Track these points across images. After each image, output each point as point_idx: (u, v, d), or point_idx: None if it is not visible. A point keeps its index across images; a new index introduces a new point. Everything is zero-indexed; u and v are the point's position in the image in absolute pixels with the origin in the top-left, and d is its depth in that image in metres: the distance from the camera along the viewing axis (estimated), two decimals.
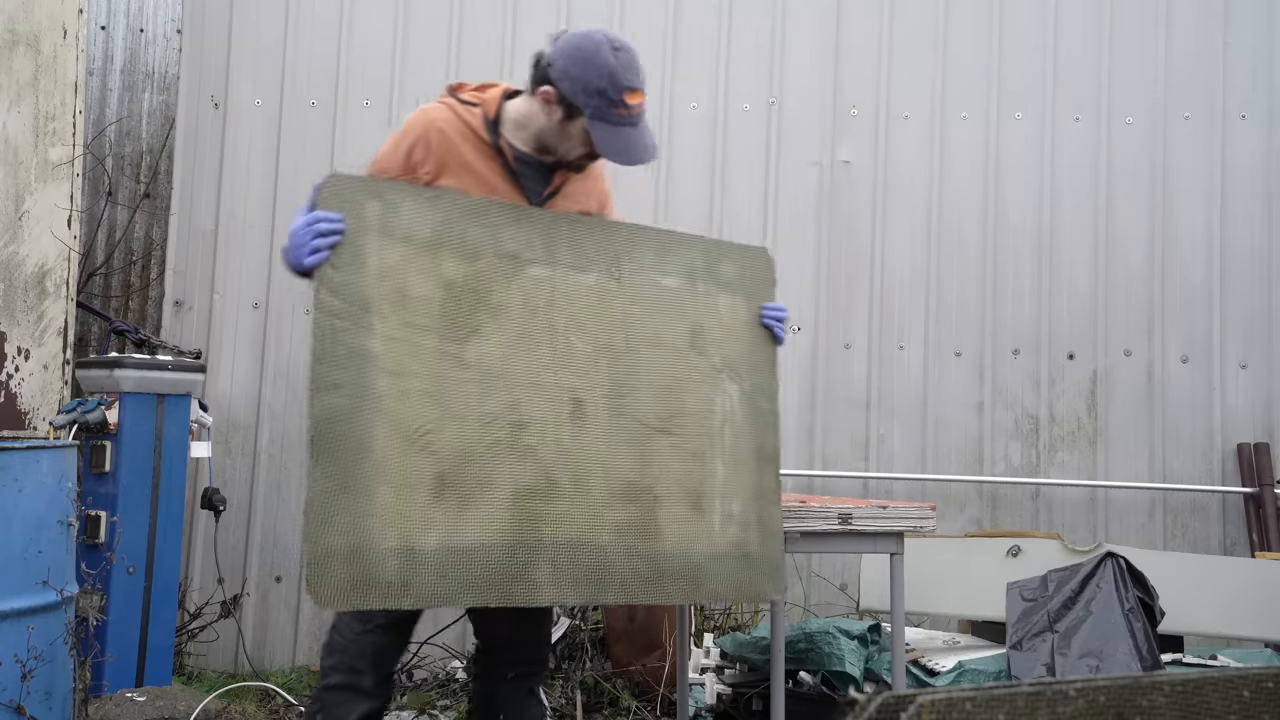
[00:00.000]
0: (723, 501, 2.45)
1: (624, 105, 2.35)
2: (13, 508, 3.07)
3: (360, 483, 2.11)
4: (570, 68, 2.36)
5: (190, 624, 4.44)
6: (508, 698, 2.61)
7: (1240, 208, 5.08)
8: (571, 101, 2.37)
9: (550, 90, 2.39)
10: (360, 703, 2.44)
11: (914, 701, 1.20)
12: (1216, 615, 3.86)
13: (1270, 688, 1.37)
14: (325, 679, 2.46)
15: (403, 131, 2.48)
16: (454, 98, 2.52)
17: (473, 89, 2.56)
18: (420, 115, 2.49)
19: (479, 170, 2.45)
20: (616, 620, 4.24)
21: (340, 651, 2.45)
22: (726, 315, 2.55)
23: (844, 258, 5.07)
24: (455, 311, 2.26)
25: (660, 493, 2.37)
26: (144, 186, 4.92)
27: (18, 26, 4.05)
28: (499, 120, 2.49)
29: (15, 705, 3.01)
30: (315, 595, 2.07)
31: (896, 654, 2.83)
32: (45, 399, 4.08)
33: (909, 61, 5.13)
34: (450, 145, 2.44)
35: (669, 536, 2.36)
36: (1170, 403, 4.99)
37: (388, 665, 2.49)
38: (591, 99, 2.35)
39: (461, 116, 2.47)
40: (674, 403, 2.44)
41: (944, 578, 4.01)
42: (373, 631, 2.44)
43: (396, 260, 2.22)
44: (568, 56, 2.38)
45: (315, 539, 2.07)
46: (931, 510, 2.82)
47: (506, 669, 2.62)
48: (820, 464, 4.94)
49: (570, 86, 2.36)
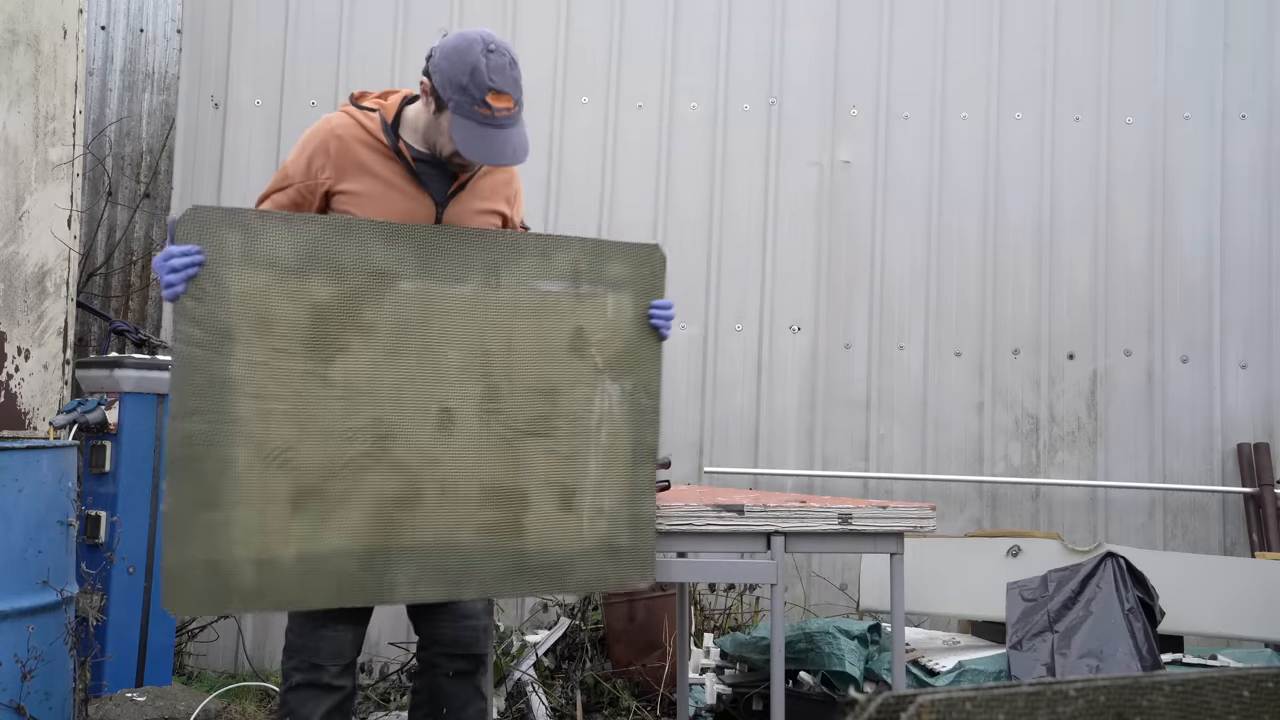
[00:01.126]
0: (594, 498, 2.56)
1: (485, 105, 2.38)
2: (13, 508, 3.08)
3: (218, 500, 2.25)
4: (442, 61, 2.42)
5: (190, 624, 4.44)
6: (449, 692, 2.66)
7: (1240, 208, 5.08)
8: (440, 94, 2.43)
9: (425, 81, 2.46)
10: (324, 698, 2.51)
11: (914, 701, 1.20)
12: (1216, 615, 3.86)
13: (1270, 688, 1.37)
14: (287, 681, 2.53)
15: (304, 141, 2.56)
16: (355, 105, 2.59)
17: (375, 96, 2.63)
18: (321, 124, 2.57)
19: (378, 173, 2.52)
20: (616, 620, 4.25)
21: (298, 652, 2.53)
22: (612, 314, 2.61)
23: (844, 258, 5.07)
24: (322, 332, 2.35)
25: (529, 492, 2.50)
26: (144, 186, 4.92)
27: (18, 26, 4.05)
28: (398, 124, 2.55)
29: (15, 705, 3.01)
30: (170, 604, 2.21)
31: (896, 654, 2.83)
32: (45, 399, 4.08)
33: (909, 61, 5.13)
34: (348, 150, 2.51)
35: (533, 534, 2.50)
36: (1170, 403, 4.99)
37: (347, 655, 2.54)
38: (454, 93, 2.40)
39: (360, 122, 2.54)
40: (549, 405, 2.54)
41: (944, 578, 4.01)
42: (324, 627, 2.50)
43: (260, 287, 2.30)
44: (444, 51, 2.43)
45: (173, 552, 2.21)
46: (931, 510, 2.82)
47: (447, 665, 2.66)
48: (820, 464, 4.95)
49: (440, 79, 2.42)
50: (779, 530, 2.70)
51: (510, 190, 2.71)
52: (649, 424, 2.64)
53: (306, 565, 2.30)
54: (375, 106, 2.57)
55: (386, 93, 2.64)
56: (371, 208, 2.49)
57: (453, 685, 2.66)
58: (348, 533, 2.34)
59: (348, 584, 2.34)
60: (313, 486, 2.32)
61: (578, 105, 5.07)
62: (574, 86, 5.08)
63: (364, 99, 2.61)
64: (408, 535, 2.39)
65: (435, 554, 2.41)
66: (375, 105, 2.57)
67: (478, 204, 2.62)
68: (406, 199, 2.53)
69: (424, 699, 2.69)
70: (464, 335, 2.47)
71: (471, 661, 2.67)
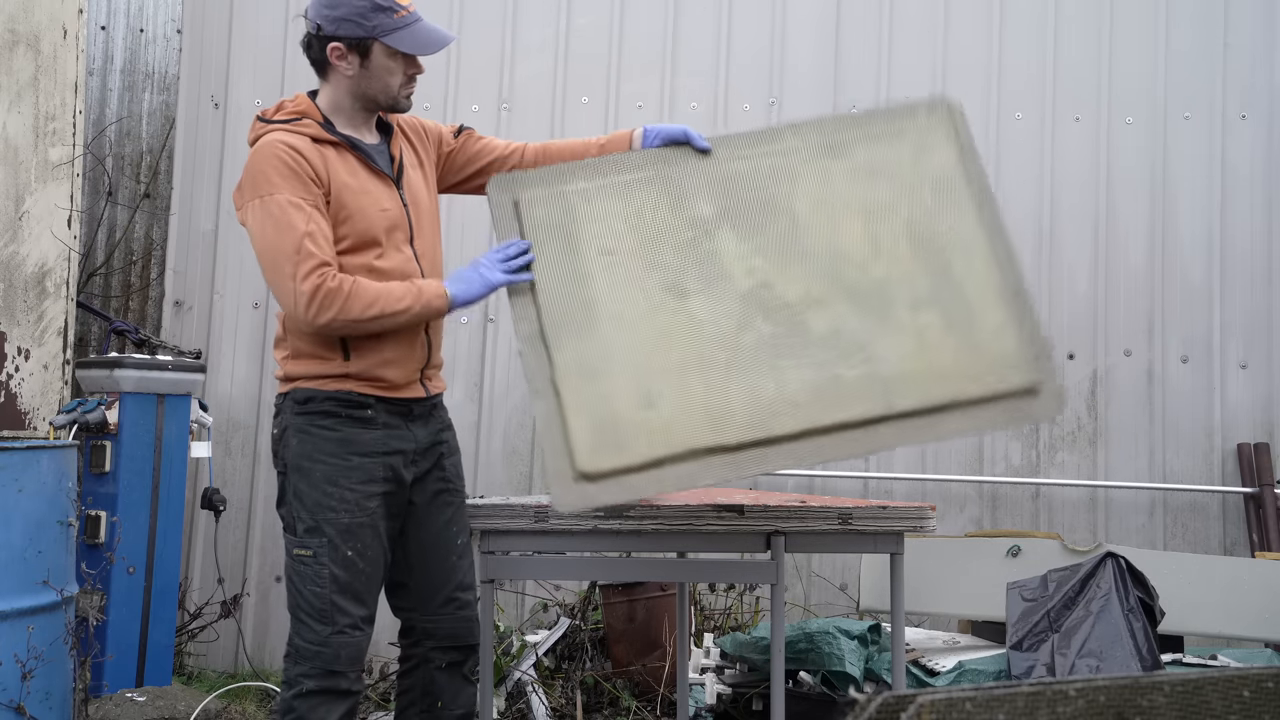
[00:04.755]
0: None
1: (399, 8, 2.48)
2: (13, 508, 3.08)
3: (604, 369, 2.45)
4: (333, 13, 2.46)
5: (190, 624, 4.44)
6: (442, 683, 2.64)
7: (1240, 208, 5.07)
8: (360, 39, 2.46)
9: (337, 45, 2.49)
10: (339, 704, 2.46)
11: (914, 701, 1.20)
12: (1216, 615, 3.86)
13: (1270, 688, 1.37)
14: (295, 687, 2.45)
15: (269, 169, 2.44)
16: (276, 124, 2.52)
17: (276, 112, 2.57)
18: (269, 147, 2.46)
19: (344, 169, 2.50)
20: (616, 620, 4.25)
21: (311, 657, 2.45)
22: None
23: None
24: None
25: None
26: (144, 186, 4.92)
27: (18, 26, 4.05)
28: (328, 119, 2.54)
29: (15, 705, 3.01)
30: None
31: (896, 654, 2.83)
32: (45, 399, 4.08)
33: (909, 61, 5.13)
34: (313, 158, 2.46)
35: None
36: (1170, 403, 4.99)
37: (361, 661, 2.52)
38: (373, 20, 2.45)
39: (301, 134, 2.49)
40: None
41: (944, 578, 4.01)
42: (343, 632, 2.46)
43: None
44: (327, 7, 2.48)
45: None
46: (931, 510, 2.82)
47: (441, 658, 2.65)
48: (820, 464, 4.94)
49: (349, 28, 2.46)
50: (779, 530, 2.70)
51: (429, 140, 2.73)
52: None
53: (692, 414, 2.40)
54: (293, 115, 2.53)
55: (280, 105, 2.59)
56: (355, 203, 2.50)
57: (445, 676, 2.65)
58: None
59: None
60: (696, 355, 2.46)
61: (578, 105, 5.06)
62: (574, 86, 5.07)
63: (277, 115, 2.55)
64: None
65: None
66: (292, 114, 2.54)
67: (417, 170, 2.66)
68: (375, 184, 2.55)
69: (416, 695, 2.67)
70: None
71: (464, 652, 2.66)
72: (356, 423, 2.51)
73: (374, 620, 2.56)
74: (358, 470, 2.49)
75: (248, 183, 2.48)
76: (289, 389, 2.55)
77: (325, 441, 2.49)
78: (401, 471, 2.57)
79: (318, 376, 2.51)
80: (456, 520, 2.68)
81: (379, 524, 2.52)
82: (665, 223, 2.61)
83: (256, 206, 2.44)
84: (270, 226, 2.42)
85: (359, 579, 2.49)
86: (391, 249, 2.54)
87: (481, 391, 4.90)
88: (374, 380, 2.52)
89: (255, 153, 2.48)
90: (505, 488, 4.84)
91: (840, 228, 2.60)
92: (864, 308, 2.51)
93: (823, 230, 2.60)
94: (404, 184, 2.61)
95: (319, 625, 2.45)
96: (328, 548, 2.46)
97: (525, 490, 4.83)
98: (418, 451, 2.60)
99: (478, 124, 4.78)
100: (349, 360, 2.50)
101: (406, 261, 2.56)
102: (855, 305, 2.51)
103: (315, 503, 2.48)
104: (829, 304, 2.52)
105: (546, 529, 2.70)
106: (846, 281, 2.54)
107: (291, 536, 2.52)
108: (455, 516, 2.68)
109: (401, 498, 2.59)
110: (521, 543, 2.76)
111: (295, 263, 2.39)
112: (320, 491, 2.48)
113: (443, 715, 2.64)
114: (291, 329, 2.54)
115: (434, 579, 2.64)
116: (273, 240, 2.42)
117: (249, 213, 2.47)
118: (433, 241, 2.67)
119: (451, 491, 2.68)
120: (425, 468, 2.63)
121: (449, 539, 2.66)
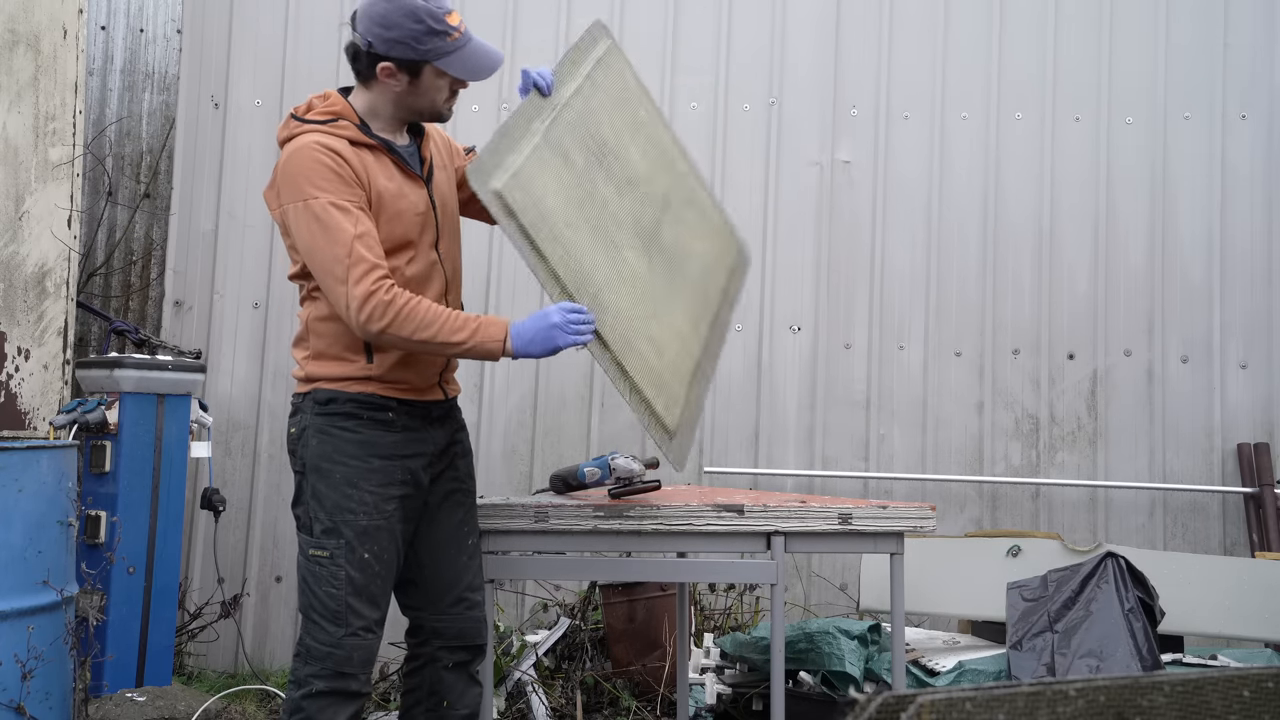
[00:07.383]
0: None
1: (452, 30, 2.46)
2: (13, 508, 3.08)
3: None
4: (385, 33, 2.44)
5: (190, 624, 4.44)
6: (449, 683, 2.64)
7: (1240, 208, 5.07)
8: (412, 61, 2.45)
9: (388, 65, 2.46)
10: (348, 705, 2.45)
11: (914, 701, 1.20)
12: (1216, 615, 3.86)
13: (1270, 688, 1.37)
14: (305, 687, 2.44)
15: (310, 170, 2.41)
16: (311, 123, 2.49)
17: (307, 110, 2.55)
18: (305, 148, 2.43)
19: (381, 171, 2.49)
20: (616, 620, 4.24)
21: (322, 659, 2.44)
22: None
23: (844, 258, 5.06)
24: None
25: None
26: (144, 186, 4.92)
27: (18, 26, 4.05)
28: (364, 120, 2.53)
29: (15, 705, 3.01)
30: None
31: (896, 654, 2.83)
32: (45, 399, 4.08)
33: (909, 61, 5.13)
34: (352, 159, 2.44)
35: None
36: (1170, 403, 4.98)
37: (372, 664, 2.51)
38: (427, 44, 2.43)
39: (338, 136, 2.47)
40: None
41: (944, 578, 4.01)
42: (356, 634, 2.45)
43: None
44: (378, 21, 2.44)
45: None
46: (931, 510, 2.82)
47: (448, 657, 2.65)
48: (820, 464, 4.95)
49: (400, 50, 2.44)
50: (779, 530, 2.70)
51: (446, 146, 2.74)
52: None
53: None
54: (329, 115, 2.50)
55: (311, 103, 2.56)
56: (393, 206, 2.49)
57: (451, 676, 2.65)
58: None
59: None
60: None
61: None
62: None
63: (309, 114, 2.53)
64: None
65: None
66: (327, 114, 2.51)
67: (444, 172, 2.68)
68: (409, 186, 2.54)
69: (422, 695, 2.67)
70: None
71: (470, 652, 2.66)
72: (378, 425, 2.51)
73: (385, 623, 2.55)
74: (378, 473, 2.49)
75: (286, 184, 2.44)
76: (309, 389, 2.54)
77: (346, 443, 2.49)
78: (420, 475, 2.57)
79: (340, 378, 2.50)
80: (468, 521, 2.69)
81: (395, 527, 2.52)
82: (586, 186, 2.73)
83: (300, 210, 2.41)
84: (318, 230, 2.39)
85: (374, 582, 2.48)
86: (421, 252, 2.54)
87: (481, 392, 4.89)
88: (396, 383, 2.52)
89: (293, 154, 2.44)
90: (505, 488, 4.84)
91: (650, 153, 2.96)
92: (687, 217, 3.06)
93: (652, 161, 2.95)
94: (433, 185, 2.60)
95: (332, 626, 2.44)
96: (344, 549, 2.45)
97: (525, 490, 4.82)
98: (436, 454, 2.61)
99: (478, 124, 4.82)
100: (372, 363, 2.50)
101: (432, 266, 2.57)
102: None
103: (334, 504, 2.47)
104: (672, 224, 2.94)
105: (546, 529, 2.71)
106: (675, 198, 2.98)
107: (307, 537, 2.50)
108: (467, 517, 2.68)
109: (418, 501, 2.59)
110: (521, 543, 2.77)
111: (347, 266, 2.37)
112: (340, 493, 2.47)
113: (448, 715, 2.64)
114: (314, 329, 2.53)
115: (444, 578, 2.64)
116: (322, 245, 2.39)
117: (291, 216, 2.43)
118: (455, 243, 2.68)
119: (464, 492, 2.69)
120: (440, 469, 2.64)
121: (460, 539, 2.66)
